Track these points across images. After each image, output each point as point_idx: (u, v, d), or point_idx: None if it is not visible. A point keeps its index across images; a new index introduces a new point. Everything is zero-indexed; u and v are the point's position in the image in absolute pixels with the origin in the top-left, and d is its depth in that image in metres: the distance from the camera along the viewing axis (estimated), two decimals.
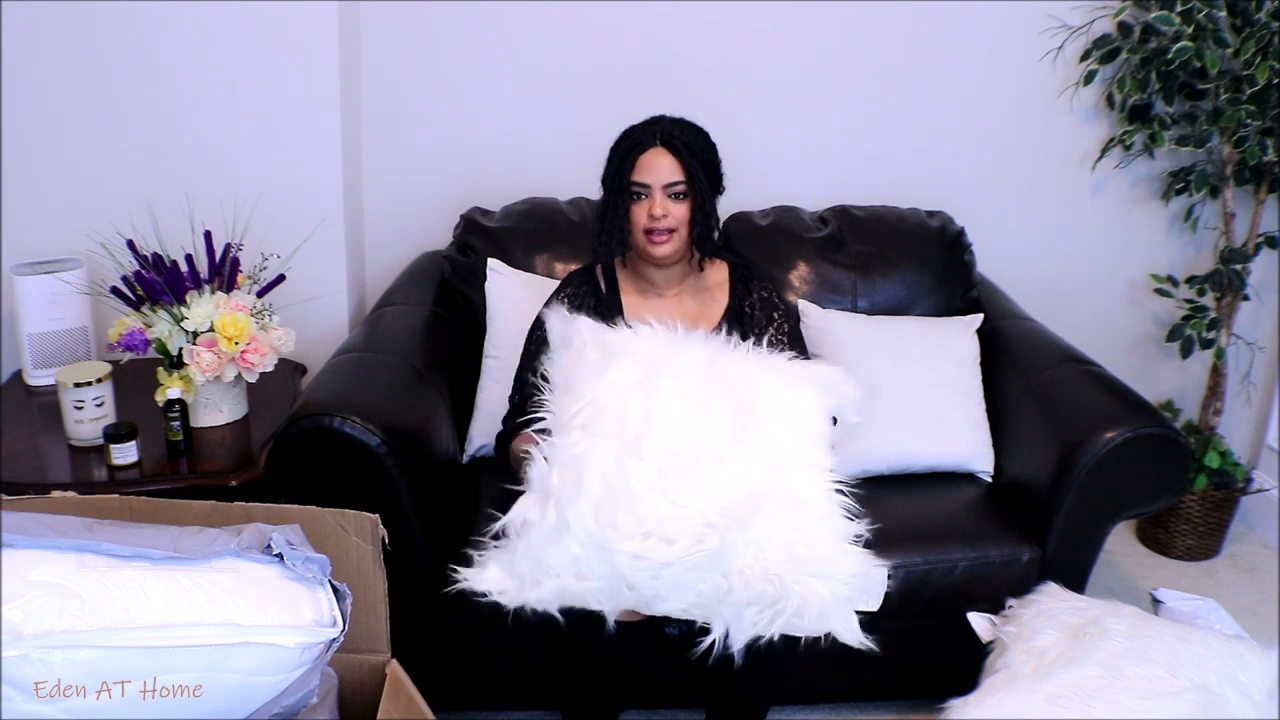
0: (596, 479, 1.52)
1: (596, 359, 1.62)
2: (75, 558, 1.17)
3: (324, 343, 2.42)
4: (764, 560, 1.53)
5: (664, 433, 1.55)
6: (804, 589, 1.54)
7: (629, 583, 1.53)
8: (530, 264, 2.36)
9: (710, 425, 1.57)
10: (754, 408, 1.60)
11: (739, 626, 1.57)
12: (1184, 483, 2.04)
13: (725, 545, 1.51)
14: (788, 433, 1.60)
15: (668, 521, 1.51)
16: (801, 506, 1.57)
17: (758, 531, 1.53)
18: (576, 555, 1.52)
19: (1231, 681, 1.64)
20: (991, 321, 2.39)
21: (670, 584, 1.52)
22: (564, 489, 1.53)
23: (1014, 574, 1.98)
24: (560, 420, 1.60)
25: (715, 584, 1.53)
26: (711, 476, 1.54)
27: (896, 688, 2.12)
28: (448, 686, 1.98)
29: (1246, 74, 2.41)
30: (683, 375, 1.61)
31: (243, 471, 1.98)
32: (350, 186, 2.53)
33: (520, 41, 2.56)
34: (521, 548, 1.55)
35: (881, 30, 2.62)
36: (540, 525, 1.54)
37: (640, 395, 1.57)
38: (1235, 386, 2.84)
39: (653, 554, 1.50)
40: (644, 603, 1.57)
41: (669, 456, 1.53)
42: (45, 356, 2.28)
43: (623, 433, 1.54)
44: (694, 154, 1.85)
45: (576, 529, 1.51)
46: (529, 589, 1.55)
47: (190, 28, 2.30)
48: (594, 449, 1.54)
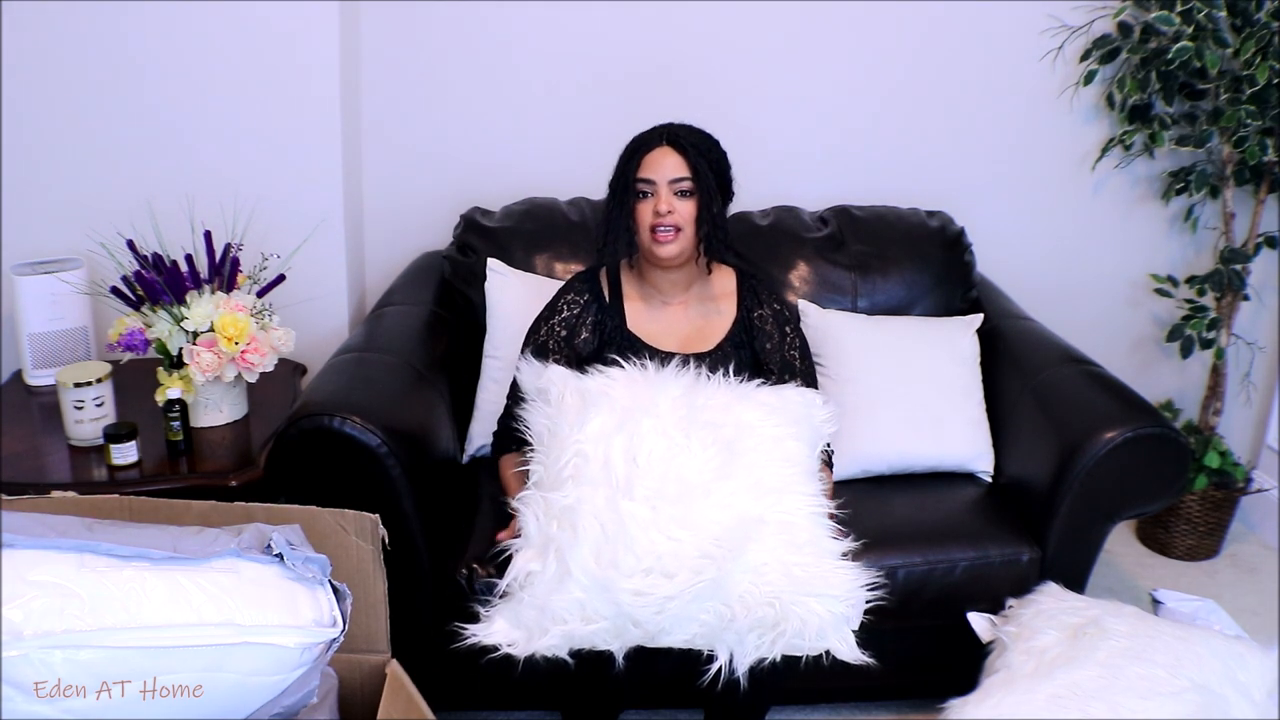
0: (592, 524, 1.57)
1: (575, 407, 1.68)
2: (75, 558, 1.17)
3: (324, 343, 2.42)
4: (763, 585, 1.57)
5: (651, 473, 1.60)
6: (803, 610, 1.58)
7: (634, 620, 1.57)
8: (530, 264, 2.36)
9: (695, 462, 1.62)
10: (735, 441, 1.65)
11: (742, 651, 1.61)
12: (1184, 483, 2.04)
13: (723, 574, 1.55)
14: (769, 462, 1.66)
15: (666, 557, 1.56)
16: (792, 530, 1.62)
17: (753, 558, 1.57)
18: (580, 600, 1.56)
19: (1231, 681, 1.64)
20: (991, 321, 2.39)
21: (674, 617, 1.56)
22: (562, 537, 1.57)
23: (1014, 574, 1.98)
24: (548, 475, 1.65)
25: (718, 612, 1.57)
26: (702, 509, 1.59)
27: (896, 688, 2.12)
28: (448, 686, 1.98)
29: (1246, 74, 2.41)
30: (662, 415, 1.66)
31: (243, 471, 1.98)
32: (350, 187, 2.53)
33: (520, 41, 2.56)
34: (526, 599, 1.59)
35: (882, 30, 2.62)
36: (543, 575, 1.58)
37: (623, 440, 1.62)
38: (1235, 386, 2.84)
39: (655, 590, 1.55)
40: (649, 638, 1.61)
41: (659, 494, 1.59)
42: (45, 356, 2.28)
43: (610, 478, 1.60)
44: (701, 154, 1.85)
45: (578, 574, 1.55)
46: (537, 638, 1.58)
47: (190, 28, 2.30)
48: (585, 496, 1.59)
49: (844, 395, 2.19)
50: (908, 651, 2.05)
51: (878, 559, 1.95)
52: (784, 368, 1.95)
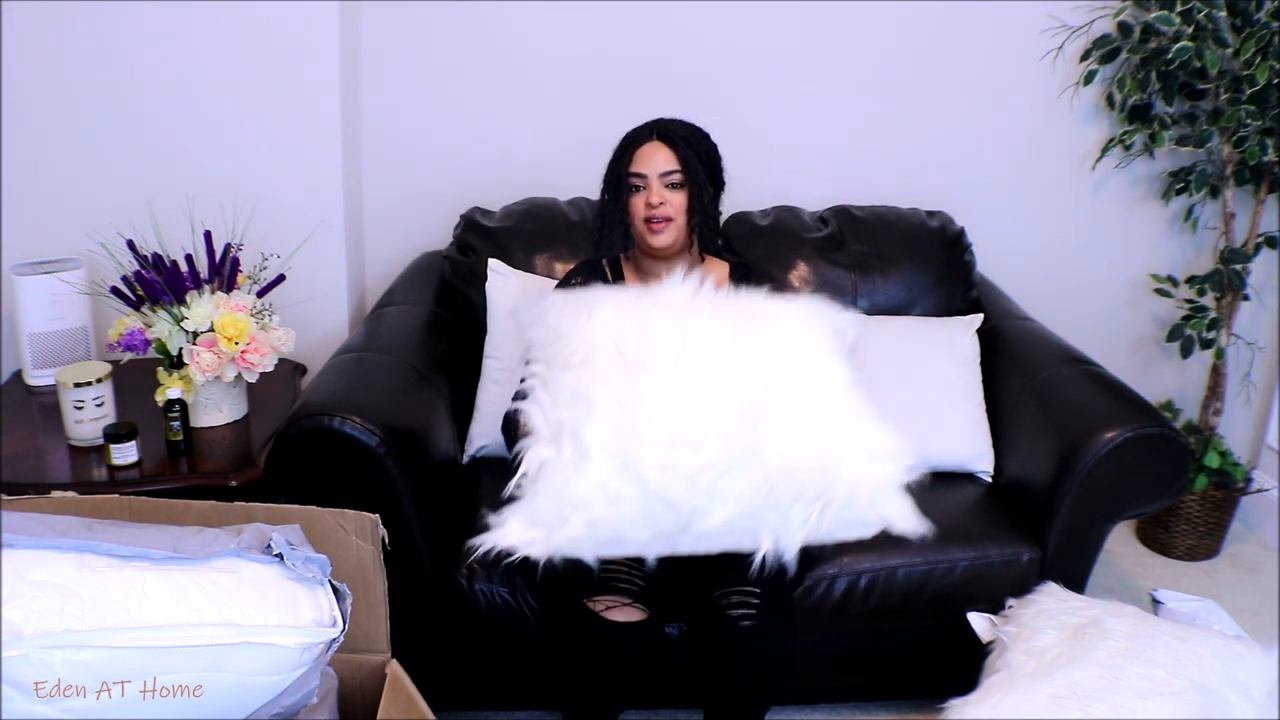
0: (609, 401, 1.43)
1: (576, 312, 1.55)
2: (75, 558, 1.17)
3: (324, 343, 2.42)
4: (802, 449, 1.44)
5: (665, 348, 1.47)
6: (850, 473, 1.44)
7: (663, 498, 1.43)
8: (530, 264, 2.36)
9: (710, 337, 1.50)
10: (750, 323, 1.53)
11: (787, 529, 1.47)
12: (1184, 483, 2.04)
13: (756, 440, 1.42)
14: (792, 337, 1.53)
15: (691, 425, 1.42)
16: (825, 394, 1.49)
17: (789, 422, 1.44)
18: (602, 480, 1.41)
19: (1231, 681, 1.64)
20: (991, 321, 2.39)
21: (707, 492, 1.42)
22: (575, 417, 1.43)
23: (1014, 574, 1.98)
24: (553, 368, 1.51)
25: (755, 485, 1.43)
26: (726, 379, 1.46)
27: (896, 688, 2.12)
28: (448, 686, 1.98)
29: (1246, 74, 2.41)
30: (669, 305, 1.54)
31: (243, 471, 1.98)
32: (350, 186, 2.53)
33: (520, 41, 2.56)
34: (541, 490, 1.44)
35: (882, 30, 2.62)
36: (557, 460, 1.43)
37: (631, 324, 1.50)
38: (1235, 386, 2.84)
39: (683, 461, 1.41)
40: (682, 525, 1.46)
41: (677, 367, 1.46)
42: (45, 356, 2.28)
43: (623, 359, 1.46)
44: (690, 146, 1.89)
45: (597, 452, 1.41)
46: (557, 530, 1.44)
47: (191, 28, 2.30)
48: (599, 377, 1.45)
49: None
50: (908, 651, 2.05)
51: (878, 559, 1.96)
52: None
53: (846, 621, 1.97)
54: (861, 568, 1.95)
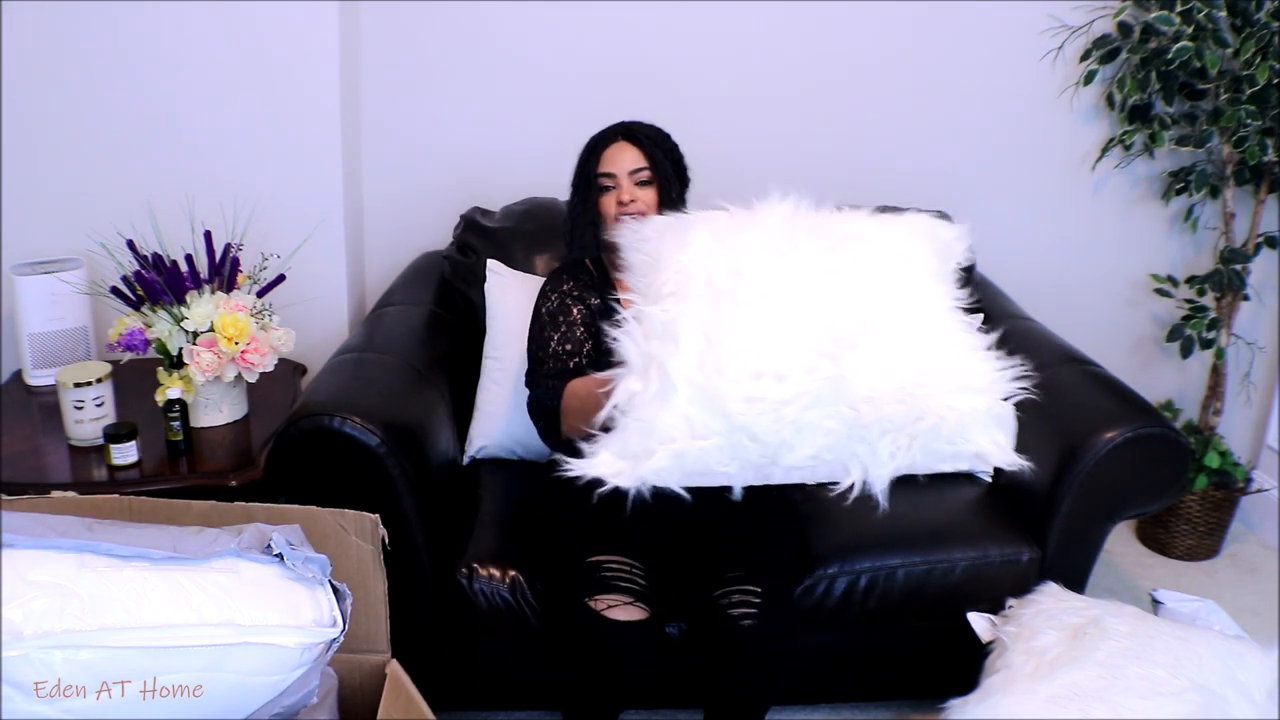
0: (695, 333, 1.44)
1: (675, 235, 1.56)
2: (75, 558, 1.17)
3: (324, 343, 2.42)
4: (891, 380, 1.42)
5: (756, 280, 1.47)
6: (938, 404, 1.43)
7: (749, 433, 1.43)
8: (530, 264, 2.36)
9: (804, 264, 1.49)
10: (845, 246, 1.52)
11: (876, 461, 1.47)
12: (1184, 483, 2.04)
13: (842, 372, 1.41)
14: (887, 264, 1.52)
15: (777, 358, 1.42)
16: (919, 324, 1.47)
17: (876, 354, 1.43)
18: (688, 414, 1.42)
19: (1231, 681, 1.64)
20: (991, 321, 2.39)
21: (794, 425, 1.42)
22: (663, 351, 1.45)
23: (1014, 574, 1.98)
24: (647, 296, 1.53)
25: (843, 417, 1.43)
26: (814, 309, 1.45)
27: (896, 688, 2.12)
28: (448, 686, 1.98)
29: (1246, 74, 2.41)
30: (765, 231, 1.53)
31: (243, 471, 1.98)
32: (350, 186, 2.53)
33: (520, 41, 2.56)
34: (631, 423, 1.46)
35: (881, 30, 2.62)
36: (645, 393, 1.45)
37: (725, 254, 1.50)
38: (1235, 386, 2.84)
39: (767, 394, 1.41)
40: (769, 458, 1.47)
41: (765, 299, 1.45)
42: (45, 356, 2.28)
43: (713, 290, 1.47)
44: (655, 144, 1.95)
45: (682, 385, 1.42)
46: (644, 462, 1.45)
47: (190, 28, 2.30)
48: (687, 309, 1.46)
49: None
50: (908, 651, 2.05)
51: (878, 559, 1.96)
52: None
53: (846, 621, 1.97)
54: (861, 568, 1.95)
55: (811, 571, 1.93)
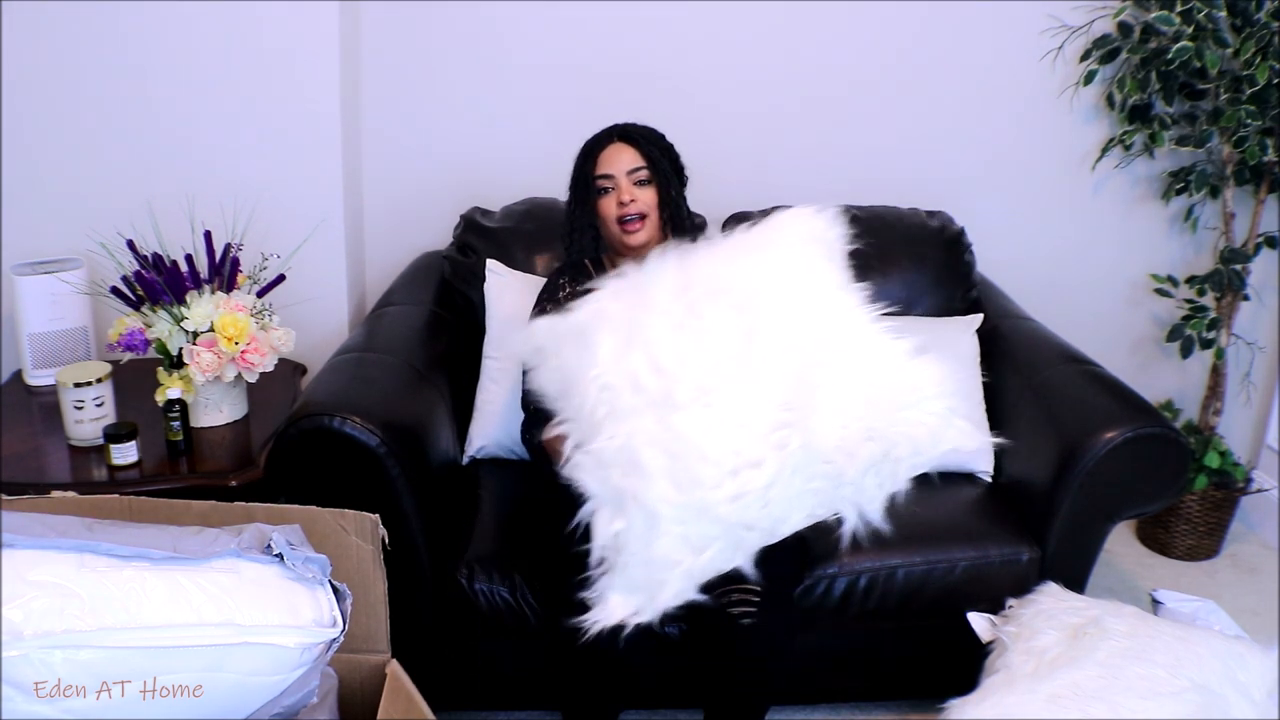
0: (654, 454, 1.43)
1: (575, 346, 1.53)
2: (75, 558, 1.17)
3: (324, 343, 2.42)
4: (853, 424, 1.45)
5: (684, 371, 1.46)
6: (904, 425, 1.46)
7: (745, 525, 1.45)
8: (530, 264, 2.36)
9: (720, 338, 1.48)
10: (747, 297, 1.51)
11: (867, 498, 1.49)
12: (1184, 483, 2.04)
13: (808, 435, 1.42)
14: (794, 300, 1.51)
15: (743, 448, 1.43)
16: (850, 355, 1.49)
17: (829, 405, 1.44)
18: (681, 534, 1.43)
19: (1231, 681, 1.64)
20: (991, 321, 2.39)
21: (783, 501, 1.45)
22: (630, 482, 1.44)
23: (1014, 574, 1.98)
24: (582, 425, 1.51)
25: (824, 474, 1.45)
26: (753, 382, 1.45)
27: (896, 688, 2.12)
28: (448, 686, 1.98)
29: (1246, 74, 2.41)
30: (664, 309, 1.50)
31: (243, 471, 1.98)
32: (350, 186, 2.53)
33: (520, 42, 2.56)
34: (628, 560, 1.47)
35: (881, 30, 2.62)
36: (631, 530, 1.45)
37: (638, 352, 1.48)
38: (1235, 386, 2.84)
39: (749, 485, 1.42)
40: (769, 535, 1.50)
41: (703, 389, 1.44)
42: (45, 356, 2.28)
43: (647, 398, 1.45)
44: (652, 143, 1.95)
45: (665, 510, 1.42)
46: (659, 594, 1.46)
47: (190, 28, 2.30)
48: (633, 428, 1.45)
49: None
50: (908, 651, 2.05)
51: (878, 559, 1.96)
52: None
53: (846, 621, 1.97)
54: (861, 568, 1.95)
55: (811, 571, 1.93)
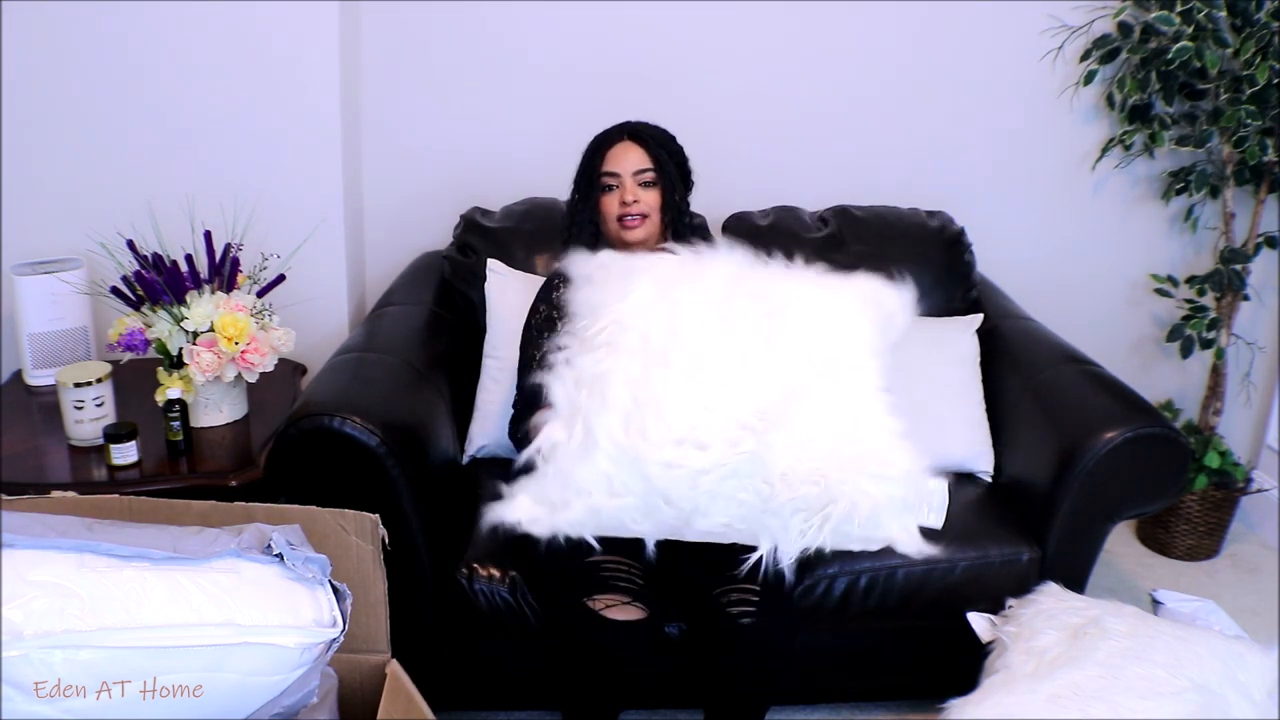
0: (623, 392, 1.46)
1: (619, 282, 1.56)
2: (75, 558, 1.17)
3: (324, 343, 2.42)
4: (807, 461, 1.44)
5: (690, 341, 1.49)
6: (853, 490, 1.45)
7: (665, 496, 1.46)
8: (530, 264, 2.36)
9: (738, 331, 1.50)
10: (784, 313, 1.53)
11: (786, 538, 1.49)
12: (1184, 483, 2.04)
13: (763, 447, 1.44)
14: (822, 336, 1.53)
15: (700, 427, 1.44)
16: (843, 405, 1.49)
17: (797, 432, 1.45)
18: (607, 471, 1.45)
19: (1231, 681, 1.64)
20: (991, 321, 2.39)
21: (709, 494, 1.45)
22: (590, 404, 1.46)
23: (1014, 574, 1.98)
24: (582, 342, 1.53)
25: (757, 490, 1.45)
26: (743, 379, 1.47)
27: (896, 688, 2.12)
28: (448, 686, 1.98)
29: (1246, 74, 2.41)
30: (708, 288, 1.54)
31: (243, 471, 1.98)
32: (350, 186, 2.53)
33: (520, 41, 2.56)
34: (550, 471, 1.49)
35: (881, 30, 2.62)
36: (568, 445, 1.47)
37: (664, 309, 1.51)
38: (1235, 386, 2.84)
39: (687, 461, 1.44)
40: (683, 520, 1.50)
41: (697, 363, 1.47)
42: (45, 356, 2.28)
43: (647, 346, 1.48)
44: (661, 145, 1.95)
45: (605, 443, 1.44)
46: (560, 512, 1.48)
47: (190, 28, 2.30)
48: (619, 364, 1.48)
49: None
50: (908, 651, 2.05)
51: (878, 559, 1.95)
52: None
53: (846, 621, 1.97)
54: (861, 568, 1.95)
55: (811, 571, 1.93)
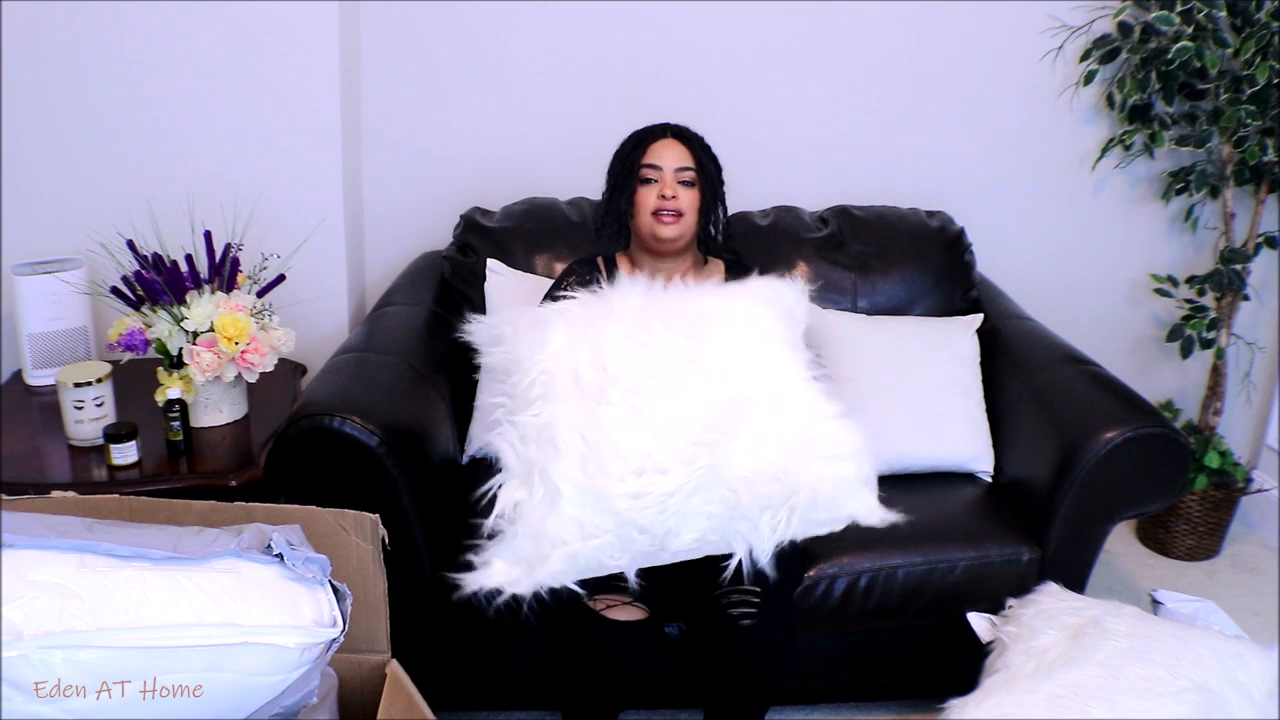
0: (571, 435, 1.50)
1: (531, 334, 1.59)
2: (75, 558, 1.17)
3: (324, 343, 2.42)
4: (764, 461, 1.49)
5: (623, 375, 1.53)
6: (812, 476, 1.50)
7: (637, 526, 1.49)
8: (530, 264, 2.36)
9: (665, 355, 1.55)
10: (699, 328, 1.58)
11: (759, 538, 1.53)
12: (1184, 483, 2.04)
13: (719, 458, 1.48)
14: (745, 341, 1.59)
15: (656, 453, 1.49)
16: (782, 402, 1.55)
17: (747, 437, 1.50)
18: (576, 516, 1.48)
19: (1231, 681, 1.64)
20: (991, 321, 2.39)
21: (678, 514, 1.49)
22: (543, 456, 1.50)
23: (1014, 574, 1.98)
24: (515, 401, 1.56)
25: (723, 500, 1.49)
26: (683, 400, 1.52)
27: (896, 688, 2.12)
28: (448, 686, 1.98)
29: (1246, 74, 2.41)
30: (621, 319, 1.59)
31: (243, 471, 1.98)
32: (350, 186, 2.53)
33: (520, 41, 2.56)
34: (519, 530, 1.51)
35: (882, 30, 2.62)
36: (530, 500, 1.51)
37: (586, 348, 1.55)
38: (1235, 386, 2.84)
39: (651, 488, 1.48)
40: (658, 545, 1.52)
41: (635, 393, 1.51)
42: (45, 356, 2.28)
43: (581, 389, 1.52)
44: (702, 148, 1.96)
45: (567, 489, 1.48)
46: (538, 568, 1.50)
47: (190, 28, 2.30)
48: (560, 410, 1.51)
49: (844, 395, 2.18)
50: (907, 651, 2.05)
51: (878, 559, 1.96)
52: None
53: (846, 621, 1.97)
54: (861, 568, 1.95)
55: (810, 570, 1.93)
